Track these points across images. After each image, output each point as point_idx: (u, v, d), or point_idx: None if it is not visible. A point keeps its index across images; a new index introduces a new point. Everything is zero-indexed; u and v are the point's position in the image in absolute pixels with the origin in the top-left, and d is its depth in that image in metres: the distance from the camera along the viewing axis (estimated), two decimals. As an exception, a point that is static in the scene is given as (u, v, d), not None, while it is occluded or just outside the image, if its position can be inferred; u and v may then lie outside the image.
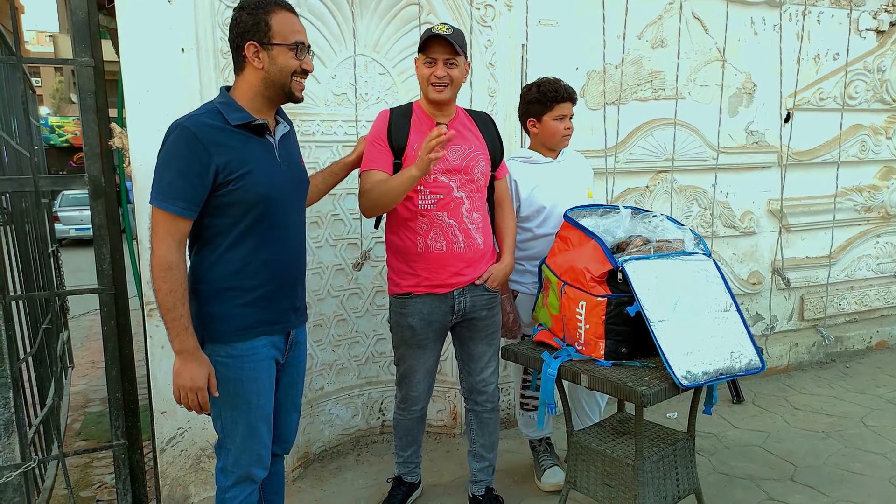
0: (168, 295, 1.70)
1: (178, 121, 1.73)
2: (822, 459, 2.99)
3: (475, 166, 2.29)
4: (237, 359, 1.82)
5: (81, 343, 5.73)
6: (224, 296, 1.81)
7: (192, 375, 1.73)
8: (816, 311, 4.37)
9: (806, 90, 4.07)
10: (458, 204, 2.27)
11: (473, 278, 2.34)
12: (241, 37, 1.77)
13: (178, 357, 1.74)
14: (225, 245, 1.79)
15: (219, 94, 1.85)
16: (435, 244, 2.26)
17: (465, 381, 2.51)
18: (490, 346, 2.45)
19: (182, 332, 1.72)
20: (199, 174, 1.70)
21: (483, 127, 2.40)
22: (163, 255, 1.70)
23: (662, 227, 2.37)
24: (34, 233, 3.73)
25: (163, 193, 1.70)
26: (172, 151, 1.71)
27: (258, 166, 1.78)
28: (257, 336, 1.85)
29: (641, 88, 3.61)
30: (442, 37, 2.15)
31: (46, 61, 9.46)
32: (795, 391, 3.84)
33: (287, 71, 1.79)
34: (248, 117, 1.78)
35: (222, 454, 1.90)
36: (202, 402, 1.76)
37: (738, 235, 4.07)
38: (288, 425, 2.09)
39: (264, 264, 1.84)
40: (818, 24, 4.06)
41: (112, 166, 2.48)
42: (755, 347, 2.13)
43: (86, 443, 3.58)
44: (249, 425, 1.86)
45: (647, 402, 1.95)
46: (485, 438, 2.54)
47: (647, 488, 2.14)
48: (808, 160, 4.19)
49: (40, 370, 3.31)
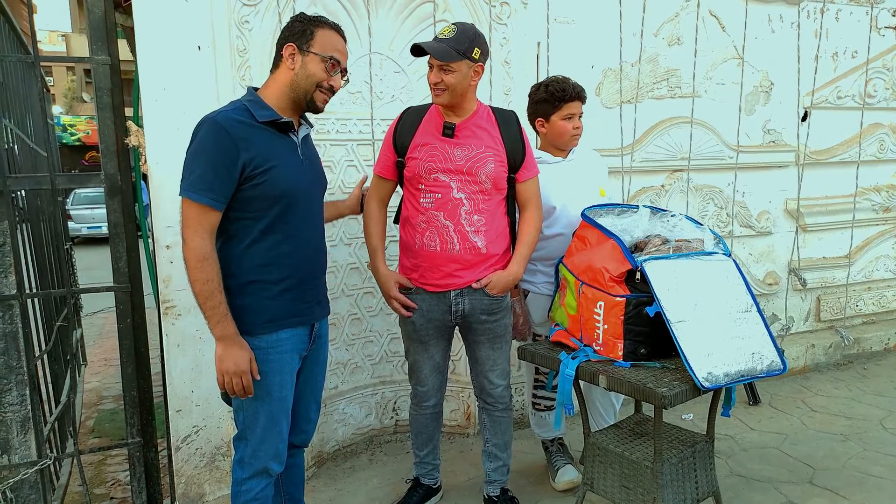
0: (206, 284, 1.74)
1: (208, 115, 1.79)
2: (840, 462, 2.95)
3: (480, 168, 2.23)
4: (263, 350, 1.86)
5: (94, 341, 5.76)
6: (250, 289, 1.85)
7: (236, 360, 1.77)
8: (833, 312, 4.32)
9: (824, 88, 4.02)
10: (456, 205, 2.23)
11: (470, 281, 2.28)
12: (284, 39, 1.86)
13: (219, 343, 1.78)
14: (250, 239, 1.84)
15: (246, 93, 1.91)
16: (430, 243, 2.26)
17: (476, 381, 2.50)
18: (493, 349, 2.40)
19: (223, 319, 1.76)
20: (228, 167, 1.74)
21: (504, 126, 2.32)
22: (197, 246, 1.74)
23: (681, 227, 2.34)
24: (49, 231, 3.75)
25: (194, 185, 1.74)
26: (203, 145, 1.75)
27: (282, 162, 1.84)
28: (283, 328, 1.90)
29: (657, 86, 3.58)
30: (425, 49, 2.13)
31: (63, 59, 9.47)
32: (812, 393, 3.79)
33: (314, 79, 1.86)
34: (274, 115, 1.84)
35: (241, 446, 1.93)
36: (246, 385, 1.80)
37: (755, 235, 4.03)
38: (307, 417, 2.13)
39: (288, 257, 1.89)
40: (836, 21, 4.01)
41: (128, 164, 2.48)
42: (777, 348, 2.10)
43: (99, 440, 3.60)
44: (271, 417, 1.90)
45: (668, 404, 1.93)
46: (497, 438, 2.52)
47: (667, 491, 2.12)
48: (826, 159, 4.14)
49: (55, 367, 3.33)
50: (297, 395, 2.02)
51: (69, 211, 12.60)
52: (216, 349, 1.79)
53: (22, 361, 2.28)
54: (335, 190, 2.94)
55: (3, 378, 2.25)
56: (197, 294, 1.75)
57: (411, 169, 2.26)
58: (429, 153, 2.25)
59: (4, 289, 2.21)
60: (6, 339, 2.24)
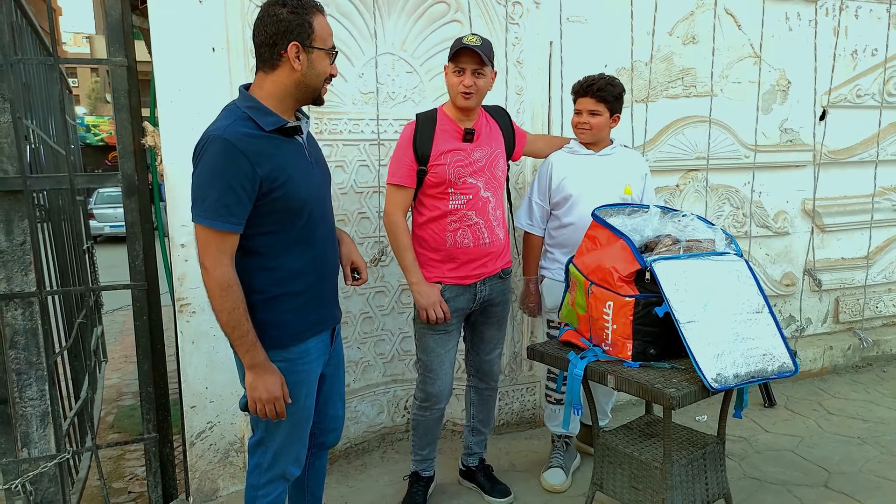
0: (232, 314, 1.66)
1: (214, 133, 1.65)
2: (857, 466, 2.92)
3: (496, 165, 2.45)
4: (292, 362, 1.82)
5: (115, 338, 5.85)
6: (275, 302, 1.78)
7: (268, 388, 1.72)
8: (852, 313, 4.25)
9: (842, 87, 3.96)
10: (485, 203, 2.41)
11: (494, 270, 2.48)
12: (281, 35, 1.68)
13: (249, 371, 1.72)
14: (270, 253, 1.77)
15: (240, 96, 1.77)
16: (463, 241, 2.39)
17: (473, 361, 2.66)
18: (500, 330, 2.63)
19: (252, 348, 1.70)
20: (245, 188, 1.64)
21: (499, 120, 2.55)
22: (220, 275, 1.65)
23: (693, 227, 2.33)
24: (70, 229, 3.82)
25: (212, 211, 1.63)
26: (215, 166, 1.63)
27: (295, 171, 1.75)
28: (309, 338, 1.86)
29: (672, 85, 3.55)
30: (471, 48, 2.26)
31: (81, 61, 9.68)
32: (830, 395, 3.74)
33: (323, 75, 1.78)
34: (280, 121, 1.73)
35: (259, 451, 1.90)
36: (279, 410, 1.76)
37: (772, 236, 3.98)
38: (336, 415, 2.11)
39: (311, 265, 1.84)
40: (856, 18, 3.95)
41: (145, 164, 2.53)
42: (788, 350, 2.08)
43: (118, 435, 3.66)
44: (294, 424, 1.87)
45: (676, 405, 1.92)
46: (483, 414, 2.73)
47: (676, 492, 2.11)
48: (845, 159, 4.08)
49: (75, 364, 3.39)
50: (324, 397, 2.01)
51: (92, 210, 12.83)
52: (247, 377, 1.73)
53: (41, 357, 2.33)
54: (347, 189, 2.96)
55: (24, 374, 2.30)
56: (224, 324, 1.68)
57: (438, 175, 2.34)
58: (454, 159, 2.36)
59: (24, 286, 2.26)
60: (26, 336, 2.29)
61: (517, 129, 2.65)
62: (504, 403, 3.33)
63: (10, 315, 2.26)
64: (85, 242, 4.50)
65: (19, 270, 2.26)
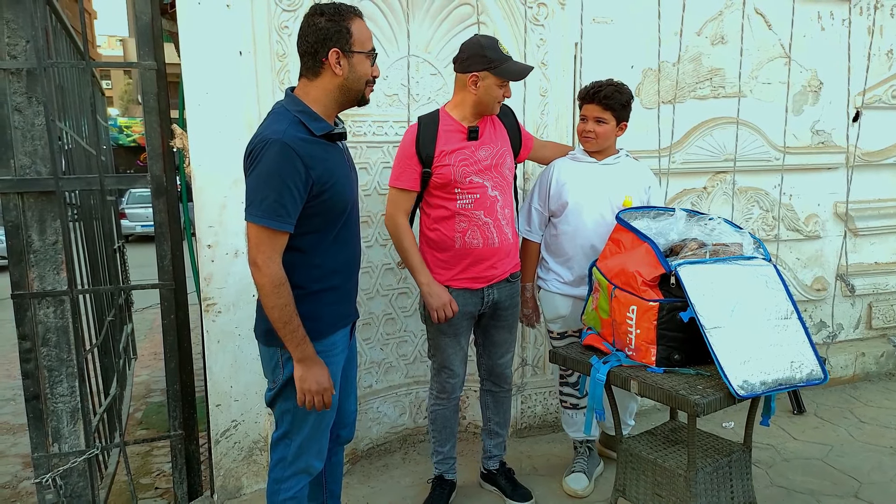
0: (284, 310, 1.73)
1: (273, 136, 1.70)
2: (888, 476, 2.84)
3: (503, 163, 2.43)
4: (323, 354, 1.87)
5: (144, 335, 5.97)
6: (314, 297, 1.85)
7: (318, 379, 1.80)
8: (886, 319, 4.14)
9: (877, 87, 3.86)
10: (493, 202, 2.38)
11: (504, 273, 2.46)
12: (321, 43, 1.75)
13: (299, 364, 1.79)
14: (313, 251, 1.84)
15: (288, 99, 1.83)
16: (472, 241, 2.38)
17: (485, 364, 2.64)
18: (511, 333, 2.62)
19: (301, 342, 1.77)
20: (299, 189, 1.72)
21: (504, 119, 2.51)
22: (274, 272, 1.72)
23: (719, 231, 2.29)
24: (101, 229, 3.90)
25: (270, 211, 1.69)
26: (275, 168, 1.69)
27: (339, 175, 1.84)
28: (337, 330, 1.94)
29: (700, 86, 3.50)
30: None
31: (112, 65, 9.84)
32: (861, 403, 3.65)
33: (364, 78, 1.84)
34: (328, 127, 1.81)
35: (282, 445, 1.94)
36: (327, 401, 1.83)
37: (803, 239, 3.90)
38: (349, 409, 2.18)
39: (345, 263, 1.93)
40: (891, 17, 3.84)
41: (174, 165, 2.57)
42: (817, 357, 2.04)
43: (146, 432, 3.73)
44: (320, 416, 1.92)
45: (701, 412, 1.89)
46: (499, 416, 2.71)
47: (700, 500, 2.08)
48: (879, 161, 3.98)
49: (105, 361, 3.47)
50: (341, 391, 2.05)
51: (124, 209, 13.10)
52: (296, 370, 1.79)
53: (72, 355, 2.38)
54: (371, 192, 2.98)
55: (55, 370, 2.36)
56: (275, 320, 1.74)
57: (444, 176, 2.33)
58: (459, 158, 2.33)
59: (56, 285, 2.32)
60: (57, 333, 2.35)
61: (524, 130, 2.62)
62: (526, 407, 3.31)
63: (42, 313, 2.32)
64: (116, 242, 4.60)
65: (51, 269, 2.32)
